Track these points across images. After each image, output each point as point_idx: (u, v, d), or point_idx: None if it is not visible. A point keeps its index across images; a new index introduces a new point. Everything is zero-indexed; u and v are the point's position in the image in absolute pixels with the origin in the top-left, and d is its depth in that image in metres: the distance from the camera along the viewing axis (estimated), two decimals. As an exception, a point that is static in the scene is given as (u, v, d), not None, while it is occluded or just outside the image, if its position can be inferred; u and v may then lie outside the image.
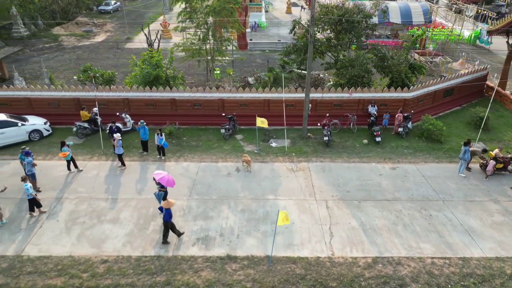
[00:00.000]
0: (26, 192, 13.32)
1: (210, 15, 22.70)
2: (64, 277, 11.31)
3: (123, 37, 41.23)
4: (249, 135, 20.24)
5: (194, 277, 11.36)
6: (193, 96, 21.02)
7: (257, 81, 27.57)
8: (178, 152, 18.35)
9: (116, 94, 20.86)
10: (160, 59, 22.03)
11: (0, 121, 18.17)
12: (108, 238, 12.75)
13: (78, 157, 17.59)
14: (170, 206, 12.28)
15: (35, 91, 20.74)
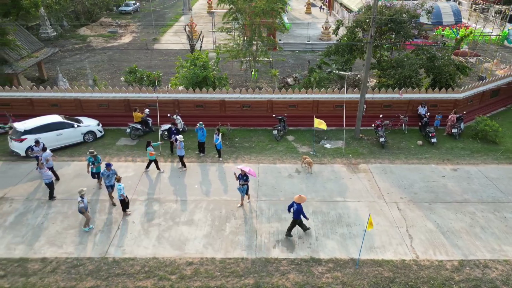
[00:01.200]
0: (118, 192, 13.39)
1: (258, 15, 22.66)
2: (153, 279, 11.32)
3: (150, 38, 41.34)
4: (299, 136, 20.19)
5: (282, 279, 11.33)
6: (243, 97, 20.99)
7: (296, 82, 27.58)
8: (233, 153, 18.33)
9: (166, 96, 20.91)
10: (207, 60, 22.06)
11: (58, 122, 18.27)
12: (187, 240, 12.75)
13: (137, 159, 17.68)
14: (303, 201, 12.46)
15: (86, 92, 20.82)
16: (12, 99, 20.68)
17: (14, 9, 21.66)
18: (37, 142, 16.02)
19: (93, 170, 15.06)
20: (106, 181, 14.22)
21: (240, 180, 13.91)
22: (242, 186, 13.97)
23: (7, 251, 12.13)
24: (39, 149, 15.98)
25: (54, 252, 12.12)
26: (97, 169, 15.10)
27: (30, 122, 17.88)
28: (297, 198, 12.49)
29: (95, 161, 14.90)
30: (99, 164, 15.06)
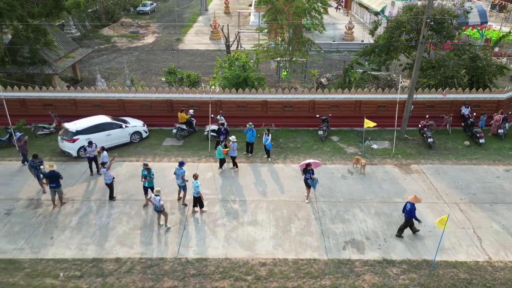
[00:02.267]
0: (195, 189, 13.44)
1: (300, 15, 22.63)
2: (229, 279, 11.33)
3: (173, 38, 41.43)
4: (343, 137, 20.16)
5: (358, 280, 11.31)
6: (285, 97, 20.97)
7: (329, 82, 27.55)
8: (281, 154, 18.32)
9: (209, 96, 20.94)
10: (247, 61, 22.07)
11: (107, 123, 18.35)
12: (256, 241, 12.75)
13: (187, 159, 17.69)
14: (418, 202, 12.43)
15: (130, 93, 20.88)
16: (55, 100, 20.77)
17: (55, 10, 21.74)
18: (90, 143, 16.07)
19: (145, 184, 14.26)
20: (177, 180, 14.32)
21: (307, 174, 14.26)
22: (313, 180, 14.28)
23: (79, 252, 12.19)
24: (92, 149, 16.03)
25: (126, 253, 12.16)
26: (149, 183, 14.27)
27: (80, 122, 17.98)
28: (411, 198, 12.50)
29: (148, 174, 14.07)
30: (151, 179, 14.19)
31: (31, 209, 14.09)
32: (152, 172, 13.99)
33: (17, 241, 12.55)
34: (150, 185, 14.09)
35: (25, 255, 12.00)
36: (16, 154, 17.75)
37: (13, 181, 15.71)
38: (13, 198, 14.64)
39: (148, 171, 13.94)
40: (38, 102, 20.74)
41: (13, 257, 11.92)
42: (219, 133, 18.06)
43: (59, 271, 11.48)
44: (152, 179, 14.07)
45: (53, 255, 12.01)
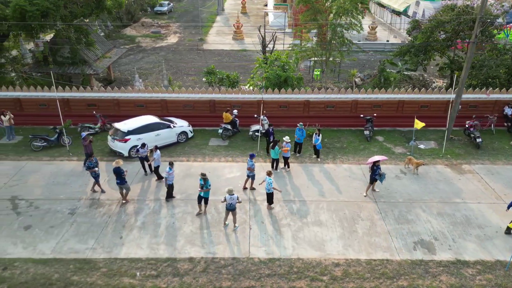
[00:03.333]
0: (268, 186, 13.54)
1: (340, 15, 22.61)
2: (305, 280, 11.33)
3: (195, 38, 41.50)
4: (388, 137, 20.11)
5: (435, 281, 11.28)
6: (328, 97, 20.95)
7: (363, 82, 27.50)
8: (329, 154, 18.29)
9: (252, 96, 20.95)
10: (287, 61, 22.06)
11: (156, 123, 18.38)
12: (324, 241, 12.74)
13: (236, 159, 17.73)
14: None
15: (173, 93, 20.93)
16: (99, 100, 20.87)
17: (97, 10, 21.82)
18: (144, 144, 16.06)
19: (200, 194, 13.67)
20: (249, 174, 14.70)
21: (376, 171, 14.46)
22: (381, 176, 14.48)
23: (151, 251, 12.23)
24: (144, 150, 16.05)
25: (198, 252, 12.19)
26: (204, 194, 13.66)
27: (131, 122, 18.02)
28: None
29: (204, 184, 13.40)
30: (207, 189, 13.58)
31: (94, 208, 14.16)
32: (209, 183, 13.42)
33: (87, 240, 12.62)
34: (206, 195, 13.62)
35: (98, 254, 12.07)
36: (67, 154, 17.87)
37: (70, 180, 15.79)
38: (73, 198, 14.71)
39: (205, 181, 13.38)
40: (82, 102, 20.82)
41: (86, 256, 11.99)
42: (269, 133, 18.07)
43: (135, 271, 11.53)
44: (209, 190, 13.54)
45: (126, 255, 12.07)
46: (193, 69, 31.51)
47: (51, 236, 12.76)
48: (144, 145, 16.00)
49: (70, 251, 12.17)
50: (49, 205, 14.22)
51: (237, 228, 13.20)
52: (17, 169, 16.52)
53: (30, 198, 14.60)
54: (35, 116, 20.93)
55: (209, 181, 13.51)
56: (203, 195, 13.67)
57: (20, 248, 12.22)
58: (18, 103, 20.63)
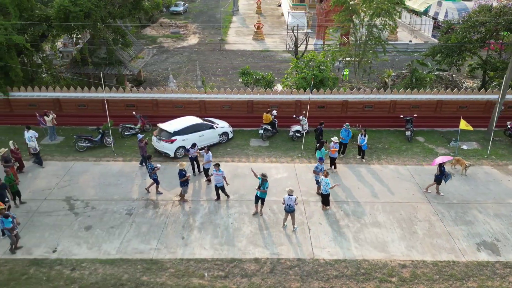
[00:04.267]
0: (325, 187, 13.57)
1: (378, 15, 22.56)
2: (373, 281, 11.31)
3: (216, 39, 41.52)
4: (428, 137, 20.05)
5: (505, 283, 11.22)
6: (367, 97, 20.92)
7: (393, 82, 27.42)
8: (372, 154, 18.24)
9: (290, 97, 20.94)
10: (324, 61, 22.04)
11: (200, 124, 18.42)
12: (386, 242, 12.72)
13: (280, 160, 17.73)
14: None
15: (211, 94, 20.95)
16: (138, 100, 20.93)
17: (134, 10, 21.90)
18: (194, 145, 16.11)
19: (257, 193, 13.66)
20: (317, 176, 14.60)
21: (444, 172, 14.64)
22: (446, 176, 14.68)
23: (215, 252, 12.24)
24: (194, 151, 16.09)
25: (262, 253, 12.19)
26: (261, 194, 13.63)
27: (176, 123, 18.06)
28: None
29: (262, 185, 13.40)
30: (265, 191, 13.52)
31: (150, 209, 14.20)
32: (267, 185, 13.43)
33: (150, 241, 12.65)
34: (263, 196, 13.62)
35: (163, 255, 12.09)
36: (111, 154, 17.92)
37: (120, 181, 15.84)
38: (127, 198, 14.75)
39: (264, 182, 13.37)
40: (121, 102, 20.88)
41: (152, 257, 12.02)
42: (319, 134, 18.05)
43: (203, 271, 11.54)
44: (266, 191, 13.52)
45: (191, 255, 12.09)
46: (219, 69, 31.53)
47: (113, 236, 12.82)
48: (195, 145, 16.03)
49: (135, 251, 12.22)
50: (105, 206, 14.28)
51: (297, 229, 13.19)
52: (65, 169, 16.61)
53: (85, 198, 14.68)
54: (74, 117, 21.04)
55: (268, 183, 13.53)
56: (259, 195, 13.66)
57: (85, 249, 12.28)
58: (58, 103, 20.76)
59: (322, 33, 36.10)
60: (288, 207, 12.69)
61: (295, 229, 13.15)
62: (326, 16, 35.49)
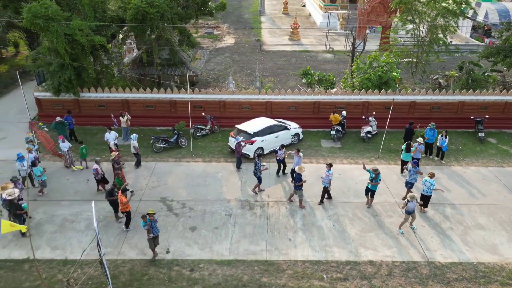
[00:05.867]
0: (428, 188, 13.53)
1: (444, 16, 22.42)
2: (494, 284, 11.19)
3: (252, 39, 41.53)
4: (500, 139, 19.89)
5: None
6: (435, 98, 20.78)
7: (447, 83, 27.25)
8: (449, 155, 18.06)
9: (357, 97, 20.89)
10: (390, 61, 21.93)
11: (276, 125, 18.45)
12: (495, 245, 12.63)
13: (359, 161, 17.65)
14: None
15: (279, 95, 20.94)
16: (206, 101, 20.99)
17: (199, 12, 21.97)
18: (282, 146, 16.12)
19: (368, 186, 14.19)
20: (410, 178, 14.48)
21: None
22: None
23: (327, 254, 12.21)
24: (282, 152, 16.03)
25: (374, 255, 12.17)
26: (373, 187, 14.09)
27: (254, 124, 18.08)
28: None
29: (374, 178, 13.86)
30: (377, 183, 13.98)
31: (247, 210, 14.22)
32: (379, 177, 13.86)
33: (258, 242, 12.66)
34: (374, 188, 14.00)
35: (276, 256, 12.10)
36: (189, 155, 17.97)
37: (207, 182, 15.87)
38: (221, 199, 14.79)
39: (377, 175, 13.79)
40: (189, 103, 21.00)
41: (266, 258, 12.04)
42: (408, 133, 17.97)
43: (321, 273, 11.55)
44: (378, 184, 13.91)
45: (304, 257, 12.09)
46: (266, 70, 31.49)
47: (220, 237, 12.85)
48: (283, 146, 16.04)
49: (247, 252, 12.24)
50: (202, 207, 14.32)
51: (409, 231, 13.15)
52: (149, 170, 16.67)
53: (179, 199, 14.73)
54: (141, 118, 21.05)
55: (380, 175, 13.92)
56: (371, 187, 14.12)
57: (197, 249, 12.32)
58: (126, 104, 20.86)
59: (363, 34, 36.05)
60: (409, 209, 12.70)
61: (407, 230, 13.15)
62: (368, 16, 35.43)
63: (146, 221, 11.18)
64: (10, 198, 11.73)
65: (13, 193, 11.76)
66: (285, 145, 18.71)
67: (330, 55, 36.16)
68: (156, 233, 11.52)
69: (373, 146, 19.28)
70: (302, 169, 13.99)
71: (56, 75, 19.09)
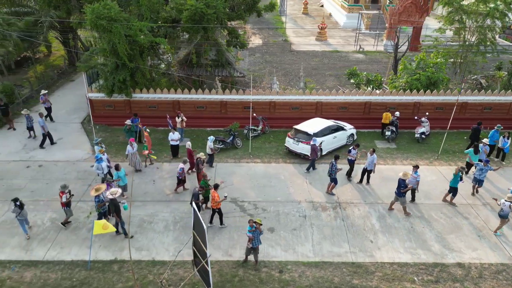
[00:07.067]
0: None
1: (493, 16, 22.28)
2: None
3: (278, 39, 41.47)
4: (555, 140, 19.81)
5: None
6: (487, 99, 20.64)
7: (488, 83, 27.06)
8: (509, 157, 18.00)
9: (409, 98, 20.77)
10: (439, 61, 21.80)
11: (334, 125, 18.40)
12: None
13: (419, 162, 17.45)
14: None
15: (330, 95, 20.83)
16: (256, 102, 20.93)
17: (249, 12, 21.96)
18: (357, 145, 16.06)
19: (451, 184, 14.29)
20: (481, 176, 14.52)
21: None
22: None
23: (412, 256, 12.11)
24: (355, 152, 15.88)
25: (460, 257, 12.04)
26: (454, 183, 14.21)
27: (312, 125, 18.01)
28: None
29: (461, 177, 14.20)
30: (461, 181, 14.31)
31: (320, 211, 14.14)
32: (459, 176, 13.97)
33: (340, 243, 12.59)
34: (454, 185, 14.08)
35: (362, 258, 12.03)
36: (248, 156, 17.94)
37: (273, 183, 15.81)
38: (291, 200, 14.72)
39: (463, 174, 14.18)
40: (239, 104, 20.92)
41: (353, 260, 11.97)
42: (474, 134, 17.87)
43: (410, 275, 11.46)
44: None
45: (390, 259, 12.00)
46: (300, 70, 31.47)
47: (300, 238, 12.79)
48: (358, 146, 15.99)
49: (332, 254, 12.17)
50: (274, 207, 14.28)
51: (490, 233, 13.07)
52: (211, 170, 16.58)
53: (250, 200, 14.68)
54: (192, 118, 20.79)
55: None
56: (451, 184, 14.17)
57: (280, 251, 12.27)
58: (177, 105, 20.86)
59: (394, 34, 35.89)
60: (502, 212, 12.59)
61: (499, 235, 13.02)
62: (399, 16, 35.27)
63: (253, 227, 11.06)
64: (112, 198, 11.79)
65: (116, 192, 11.78)
66: (341, 146, 18.92)
67: (361, 55, 36.02)
68: (255, 244, 11.22)
69: (428, 146, 19.19)
70: (408, 175, 13.63)
71: (111, 76, 19.17)
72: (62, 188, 12.65)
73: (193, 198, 12.66)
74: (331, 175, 14.69)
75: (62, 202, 12.68)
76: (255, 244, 11.22)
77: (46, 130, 18.13)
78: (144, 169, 16.56)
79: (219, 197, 12.69)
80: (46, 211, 13.82)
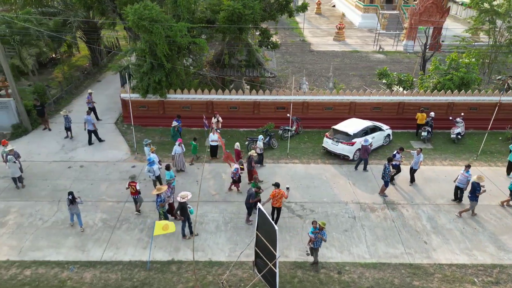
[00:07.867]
0: None
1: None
2: None
3: (296, 39, 41.44)
4: None
5: None
6: (524, 100, 20.67)
7: (514, 84, 26.93)
8: (546, 157, 17.98)
9: (443, 98, 20.67)
10: (472, 62, 21.70)
11: (372, 126, 18.33)
12: None
13: (458, 163, 17.44)
14: None
15: (364, 95, 20.72)
16: (289, 102, 20.91)
17: (280, 13, 21.99)
18: (402, 149, 15.91)
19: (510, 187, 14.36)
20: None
21: None
22: None
23: (469, 257, 12.04)
24: (399, 156, 15.74)
25: None
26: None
27: (351, 125, 17.97)
28: None
29: None
30: None
31: (368, 212, 14.09)
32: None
33: (394, 245, 12.54)
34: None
35: (420, 260, 11.96)
36: (285, 156, 17.93)
37: (315, 184, 15.78)
38: (337, 201, 14.67)
39: None
40: (272, 105, 20.89)
41: (410, 261, 11.90)
42: None
43: (470, 277, 11.42)
44: None
45: (448, 260, 11.95)
46: (324, 70, 31.35)
47: (353, 240, 12.75)
48: (402, 149, 15.85)
49: (388, 255, 12.13)
50: (321, 209, 14.25)
51: None
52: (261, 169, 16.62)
53: (297, 201, 14.63)
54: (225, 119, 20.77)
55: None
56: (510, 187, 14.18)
57: (335, 252, 12.24)
58: (211, 105, 20.86)
59: (414, 34, 35.81)
60: None
61: None
62: (420, 17, 35.14)
63: (316, 229, 11.10)
64: (183, 201, 11.82)
65: (186, 196, 11.80)
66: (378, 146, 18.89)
67: (382, 55, 35.93)
68: (316, 245, 11.29)
69: (465, 147, 19.11)
70: (482, 178, 13.44)
71: (146, 76, 19.17)
72: (132, 178, 13.31)
73: (250, 198, 12.67)
74: (383, 178, 14.62)
75: (136, 190, 13.19)
76: (316, 245, 11.25)
77: (95, 127, 18.50)
78: (186, 170, 16.61)
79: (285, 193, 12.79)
80: (95, 211, 13.89)
